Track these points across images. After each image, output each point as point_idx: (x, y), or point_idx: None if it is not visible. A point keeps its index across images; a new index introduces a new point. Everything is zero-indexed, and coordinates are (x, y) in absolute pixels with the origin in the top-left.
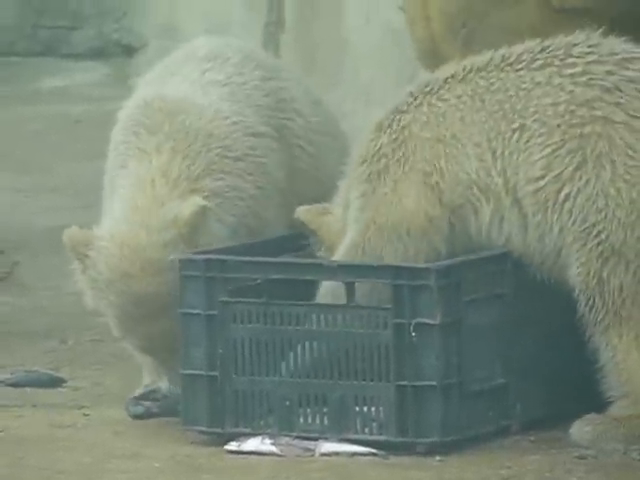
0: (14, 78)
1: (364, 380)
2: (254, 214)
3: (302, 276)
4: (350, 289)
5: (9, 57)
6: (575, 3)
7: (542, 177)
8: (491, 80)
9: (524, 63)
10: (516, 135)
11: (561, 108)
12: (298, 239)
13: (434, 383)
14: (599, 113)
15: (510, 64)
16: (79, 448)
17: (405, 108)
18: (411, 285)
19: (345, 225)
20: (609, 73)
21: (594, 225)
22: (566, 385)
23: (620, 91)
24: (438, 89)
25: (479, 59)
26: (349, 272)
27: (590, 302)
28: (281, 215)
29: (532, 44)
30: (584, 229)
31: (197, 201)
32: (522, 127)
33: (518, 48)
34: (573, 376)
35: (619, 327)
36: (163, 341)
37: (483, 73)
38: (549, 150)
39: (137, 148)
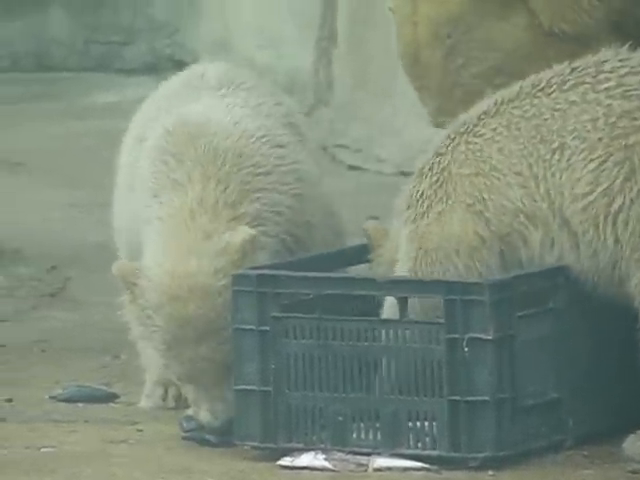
0: (66, 93)
1: (417, 395)
2: (296, 225)
3: (354, 291)
4: (403, 304)
5: (62, 72)
6: (565, 28)
7: (590, 193)
8: (524, 108)
9: (555, 86)
10: (556, 155)
11: (600, 122)
12: (351, 254)
13: (487, 398)
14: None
15: (541, 89)
16: (132, 464)
17: (443, 150)
18: (463, 300)
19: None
20: None
21: None
22: (619, 399)
23: None
24: (473, 127)
25: (508, 91)
26: (401, 287)
27: None
28: (327, 217)
29: (560, 67)
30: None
31: (247, 230)
32: (562, 146)
33: (546, 74)
34: (626, 390)
35: None
36: (208, 367)
37: (516, 102)
38: (594, 165)
39: (168, 178)
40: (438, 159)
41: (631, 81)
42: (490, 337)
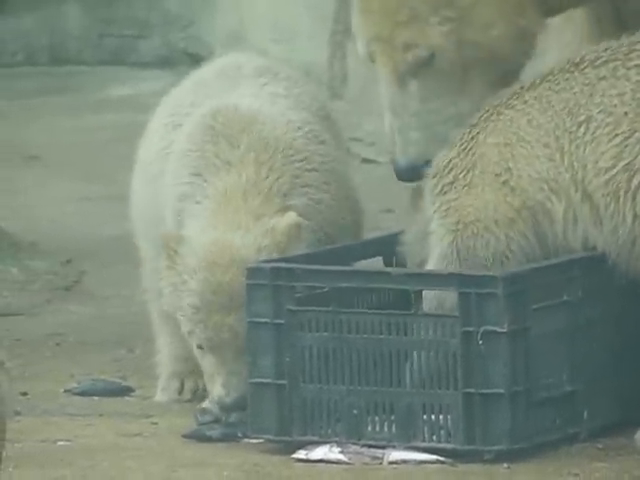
0: (81, 87)
1: (432, 388)
2: (331, 224)
3: (369, 284)
4: (417, 297)
5: (76, 66)
6: None
7: (612, 167)
8: (557, 82)
9: (588, 62)
10: (582, 128)
11: (627, 97)
12: (366, 247)
13: (502, 391)
14: None
15: (575, 65)
16: (147, 457)
17: (476, 121)
18: (478, 293)
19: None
20: None
21: None
22: (634, 392)
23: None
24: (507, 100)
25: (547, 68)
26: (416, 280)
27: None
28: (355, 221)
29: (596, 46)
30: None
31: (294, 216)
32: (588, 119)
33: (582, 51)
34: None
35: None
36: (231, 338)
37: (549, 77)
38: (618, 139)
39: (218, 157)
40: (469, 130)
41: None
42: (505, 330)
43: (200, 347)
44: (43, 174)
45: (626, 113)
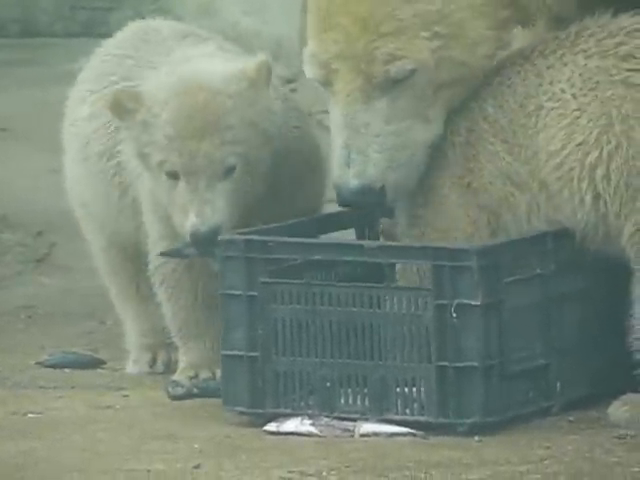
0: (52, 59)
1: (405, 361)
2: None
3: (342, 257)
4: (390, 270)
5: (47, 38)
6: None
7: (562, 148)
8: (508, 77)
9: (537, 52)
10: (533, 119)
11: (575, 80)
12: (339, 219)
13: (475, 364)
14: (617, 78)
15: (525, 57)
16: (118, 429)
17: None
18: (451, 266)
19: None
20: (620, 44)
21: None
22: (607, 365)
23: (635, 58)
24: (468, 101)
25: (498, 61)
26: (389, 253)
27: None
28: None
29: (546, 37)
30: (631, 192)
31: (263, 56)
32: (538, 109)
33: (533, 43)
34: (614, 356)
35: None
36: (206, 164)
37: (502, 71)
38: (567, 121)
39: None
40: None
41: (608, 43)
42: (478, 303)
43: (173, 176)
44: (12, 146)
45: (574, 95)
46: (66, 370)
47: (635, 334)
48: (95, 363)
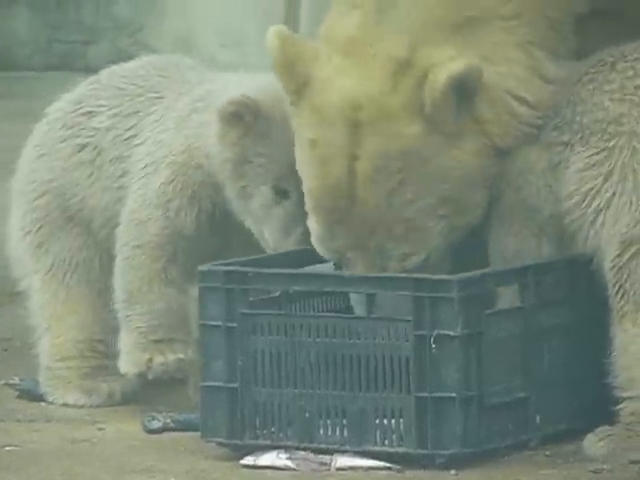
0: (30, 93)
1: (384, 392)
2: None
3: (322, 288)
4: (371, 301)
5: (25, 72)
6: (510, 143)
7: (576, 191)
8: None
9: (578, 76)
10: (567, 150)
11: (596, 126)
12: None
13: (454, 395)
14: (625, 128)
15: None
16: (95, 463)
17: None
18: (432, 297)
19: None
20: (638, 88)
21: (624, 232)
22: (584, 399)
23: None
24: None
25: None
26: (369, 284)
27: (615, 291)
28: None
29: (595, 57)
30: (614, 233)
31: None
32: (568, 143)
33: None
34: (594, 389)
35: (635, 314)
36: None
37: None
38: (581, 165)
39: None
40: None
41: (630, 84)
42: (458, 334)
43: (282, 193)
44: None
45: (594, 141)
46: (42, 403)
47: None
48: None
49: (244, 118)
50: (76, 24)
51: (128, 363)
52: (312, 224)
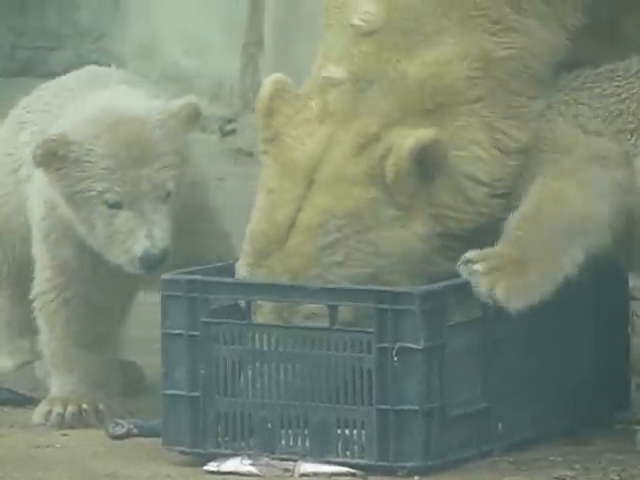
0: None
1: (346, 403)
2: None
3: (284, 298)
4: (333, 312)
5: None
6: (467, 227)
7: None
8: None
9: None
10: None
11: None
12: None
13: (416, 407)
14: None
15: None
16: (58, 469)
17: None
18: (394, 309)
19: None
20: None
21: None
22: (546, 408)
23: None
24: None
25: None
26: (332, 295)
27: None
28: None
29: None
30: None
31: (192, 98)
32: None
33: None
34: (555, 397)
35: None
36: (149, 189)
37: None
38: None
39: None
40: None
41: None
42: (420, 347)
43: (115, 206)
44: None
45: None
46: (5, 409)
47: None
48: (31, 401)
49: (57, 153)
50: (39, 30)
51: None
52: (238, 266)
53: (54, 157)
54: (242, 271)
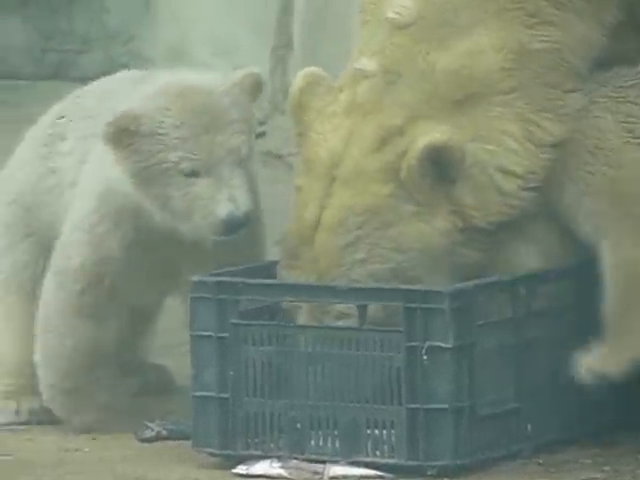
0: (22, 102)
1: (375, 403)
2: None
3: (313, 299)
4: (362, 312)
5: (17, 81)
6: (493, 220)
7: None
8: None
9: None
10: None
11: None
12: None
13: (446, 406)
14: None
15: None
16: (87, 472)
17: None
18: (423, 308)
19: None
20: None
21: None
22: (575, 409)
23: None
24: None
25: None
26: (360, 295)
27: None
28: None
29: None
30: None
31: (254, 69)
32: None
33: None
34: (584, 398)
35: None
36: (225, 155)
37: None
38: None
39: None
40: None
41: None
42: (450, 345)
43: (193, 174)
44: None
45: None
46: None
47: None
48: None
49: (128, 128)
50: (69, 33)
51: None
52: (278, 267)
53: (125, 133)
54: (282, 272)
